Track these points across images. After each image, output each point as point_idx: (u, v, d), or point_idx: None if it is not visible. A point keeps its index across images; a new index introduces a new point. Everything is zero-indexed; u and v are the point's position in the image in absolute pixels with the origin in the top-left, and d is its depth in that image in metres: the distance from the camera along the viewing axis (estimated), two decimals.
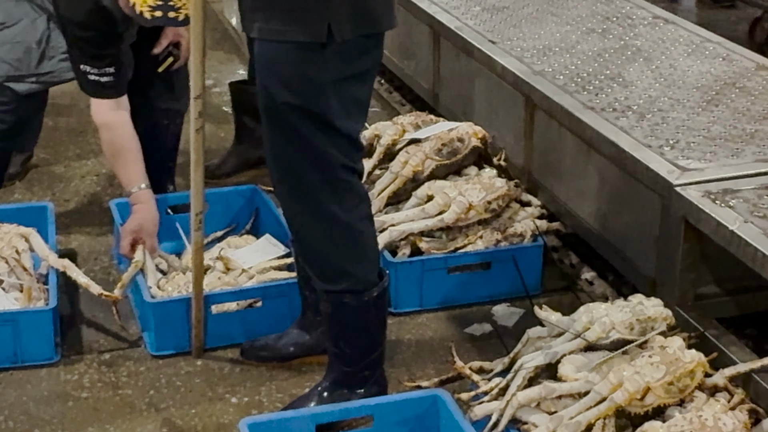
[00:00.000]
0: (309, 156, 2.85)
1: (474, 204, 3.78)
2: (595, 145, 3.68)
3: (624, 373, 2.78)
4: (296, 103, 2.80)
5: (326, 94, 2.79)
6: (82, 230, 4.23)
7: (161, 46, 3.99)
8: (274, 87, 2.81)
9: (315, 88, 2.78)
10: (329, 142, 2.84)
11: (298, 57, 2.77)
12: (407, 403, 2.99)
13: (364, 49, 2.84)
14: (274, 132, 2.88)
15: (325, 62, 2.77)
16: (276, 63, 2.80)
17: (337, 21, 2.74)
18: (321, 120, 2.81)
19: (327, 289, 3.01)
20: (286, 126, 2.84)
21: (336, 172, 2.88)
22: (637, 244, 3.52)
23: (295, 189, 2.92)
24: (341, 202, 2.91)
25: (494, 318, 3.71)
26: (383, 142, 4.03)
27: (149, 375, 3.39)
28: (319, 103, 2.80)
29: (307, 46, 2.76)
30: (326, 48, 2.76)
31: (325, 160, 2.86)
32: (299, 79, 2.78)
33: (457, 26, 4.71)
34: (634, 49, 4.40)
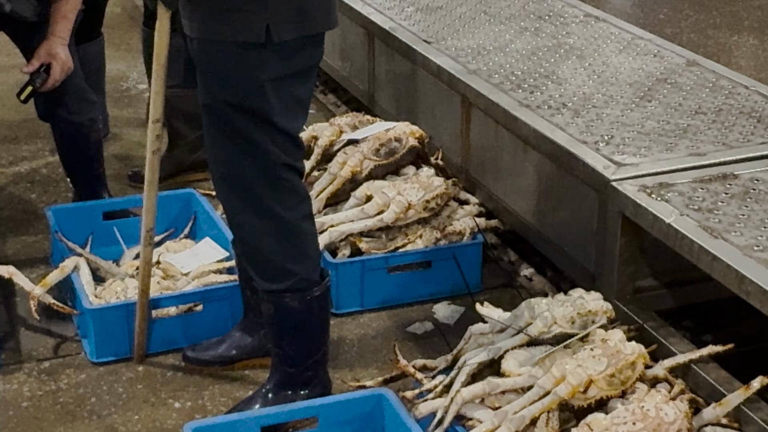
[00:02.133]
0: (250, 154, 2.85)
1: (413, 203, 3.79)
2: (531, 143, 3.71)
3: (567, 367, 2.80)
4: (236, 101, 2.80)
5: (266, 92, 2.80)
6: (17, 238, 4.18)
7: (32, 66, 3.79)
8: (214, 85, 2.82)
9: (254, 86, 2.79)
10: (270, 140, 2.84)
11: (237, 56, 2.77)
12: (352, 403, 3.00)
13: (303, 48, 2.84)
14: (215, 130, 2.88)
15: (265, 61, 2.78)
16: (215, 62, 2.80)
17: (276, 22, 2.75)
18: (261, 118, 2.82)
19: (269, 289, 3.00)
20: (226, 124, 2.84)
21: (277, 170, 2.88)
22: (576, 239, 3.56)
23: (236, 187, 2.92)
24: (282, 200, 2.91)
25: (435, 316, 3.73)
26: (321, 144, 4.03)
27: (90, 382, 3.36)
28: (259, 101, 2.80)
29: (245, 46, 2.76)
30: (265, 48, 2.76)
31: (265, 158, 2.86)
32: (239, 77, 2.79)
33: (391, 27, 4.72)
34: (567, 47, 4.45)
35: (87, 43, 4.73)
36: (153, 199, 3.20)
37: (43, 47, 3.76)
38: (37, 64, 3.77)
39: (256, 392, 3.15)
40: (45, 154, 4.84)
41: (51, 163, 4.75)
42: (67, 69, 3.79)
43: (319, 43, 2.91)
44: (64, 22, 3.78)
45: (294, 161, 2.93)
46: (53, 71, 3.78)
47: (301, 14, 2.79)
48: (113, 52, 5.73)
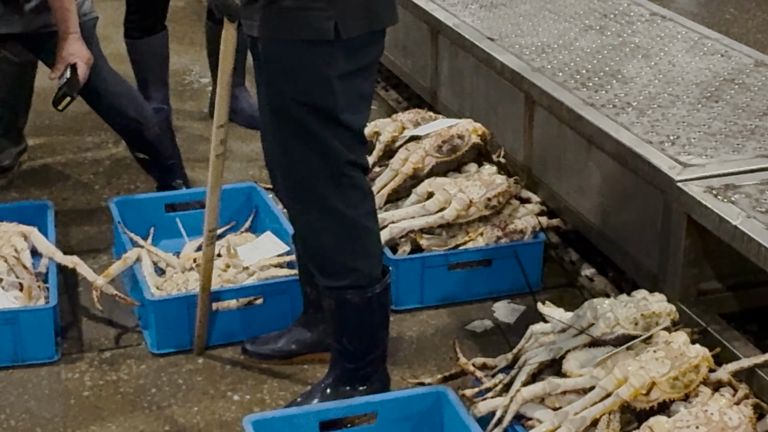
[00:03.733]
0: (315, 152, 2.86)
1: (474, 201, 3.77)
2: (595, 142, 3.68)
3: (629, 369, 2.78)
4: (303, 98, 2.80)
5: (333, 89, 2.80)
6: (80, 228, 4.22)
7: (59, 71, 3.77)
8: (281, 84, 2.82)
9: (322, 83, 2.79)
10: (335, 137, 2.85)
11: (305, 54, 2.78)
12: (411, 400, 2.99)
13: (368, 44, 2.85)
14: (280, 129, 2.89)
15: (333, 58, 2.78)
16: (283, 60, 2.81)
17: (343, 18, 2.76)
18: (327, 115, 2.82)
19: (330, 286, 3.00)
20: (293, 122, 2.84)
21: (341, 167, 2.88)
22: (639, 240, 3.52)
23: (300, 185, 2.93)
24: (346, 198, 2.91)
25: (495, 315, 3.71)
26: (383, 139, 4.02)
27: (150, 373, 3.38)
28: (326, 98, 2.80)
29: (314, 44, 2.77)
30: (333, 45, 2.77)
31: (331, 156, 2.86)
32: (306, 74, 2.79)
33: (455, 24, 4.70)
34: (633, 45, 4.40)
35: (151, 37, 4.77)
36: (216, 201, 3.20)
37: (63, 49, 3.74)
38: (62, 67, 3.76)
39: (315, 387, 3.15)
40: (109, 146, 4.88)
41: (114, 155, 4.79)
42: (91, 62, 3.79)
43: (382, 39, 2.92)
44: (70, 15, 3.74)
45: (358, 158, 2.93)
46: (79, 70, 3.77)
47: (367, 10, 2.80)
48: (177, 45, 5.76)
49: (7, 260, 3.59)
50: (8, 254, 3.59)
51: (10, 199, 4.39)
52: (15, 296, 3.50)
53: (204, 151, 4.87)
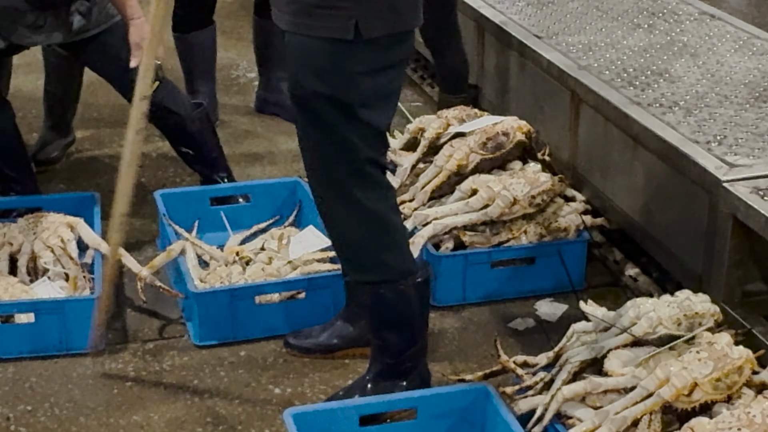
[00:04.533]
0: (336, 146, 2.87)
1: (518, 198, 3.76)
2: (641, 141, 3.66)
3: (671, 369, 2.76)
4: (326, 92, 2.81)
5: (356, 84, 2.81)
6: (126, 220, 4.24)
7: (136, 57, 3.74)
8: (304, 76, 2.83)
9: (346, 78, 2.80)
10: (354, 133, 2.85)
11: (329, 49, 2.79)
12: (452, 396, 2.99)
13: (393, 44, 2.85)
14: (304, 121, 2.90)
15: (356, 54, 2.79)
16: (307, 54, 2.82)
17: (366, 18, 2.76)
18: (347, 110, 2.83)
19: (362, 280, 3.02)
20: (315, 115, 2.86)
21: (360, 163, 2.89)
22: (684, 240, 3.50)
23: (323, 178, 2.94)
24: (368, 192, 2.92)
25: (537, 313, 3.70)
26: (427, 136, 4.02)
27: (193, 365, 3.41)
28: (349, 93, 2.82)
29: (335, 41, 2.78)
30: (355, 43, 2.77)
31: (351, 151, 2.87)
32: (330, 69, 2.80)
33: (502, 21, 4.69)
34: (681, 44, 4.37)
35: (199, 31, 4.80)
36: (131, 181, 3.12)
37: (132, 35, 3.78)
38: (138, 53, 3.75)
39: (356, 382, 3.16)
40: (155, 139, 4.91)
41: (161, 148, 4.82)
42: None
43: (409, 38, 2.91)
44: (129, 2, 3.78)
45: (377, 156, 2.93)
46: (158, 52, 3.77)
47: (391, 11, 2.80)
48: (224, 40, 5.80)
49: (54, 251, 3.63)
50: (55, 245, 3.63)
51: (58, 190, 4.43)
52: (61, 286, 3.54)
53: (250, 145, 4.90)
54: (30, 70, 5.25)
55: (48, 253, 3.63)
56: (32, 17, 3.74)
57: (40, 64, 4.60)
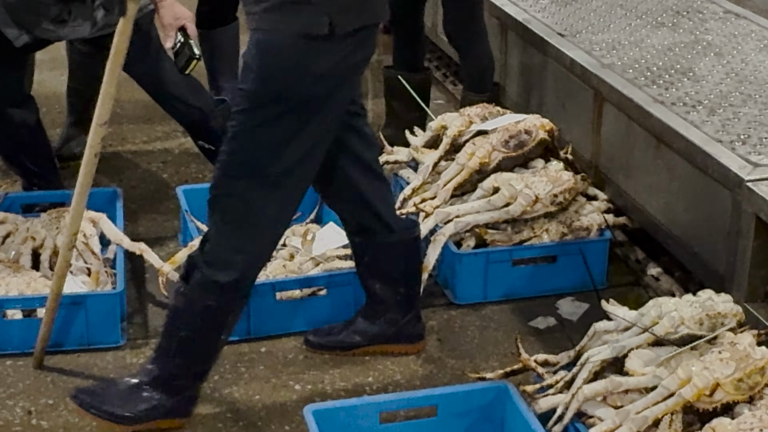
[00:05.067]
0: (286, 146, 2.85)
1: (540, 197, 3.75)
2: (664, 140, 3.64)
3: (693, 369, 2.75)
4: (294, 90, 2.79)
5: (325, 82, 2.80)
6: (148, 216, 4.26)
7: (172, 39, 3.78)
8: (272, 74, 2.79)
9: (317, 75, 2.78)
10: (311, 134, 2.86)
11: (299, 48, 2.76)
12: (472, 394, 2.99)
13: (361, 41, 2.84)
14: (252, 119, 2.84)
15: (326, 53, 2.78)
16: (277, 51, 2.78)
17: (339, 12, 2.74)
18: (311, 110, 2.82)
19: (210, 278, 2.96)
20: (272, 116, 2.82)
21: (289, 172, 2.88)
22: (707, 239, 3.48)
23: (249, 177, 2.88)
24: (279, 203, 2.92)
25: (559, 311, 3.69)
26: (450, 133, 4.01)
27: None
28: (317, 90, 2.80)
29: (309, 38, 2.75)
30: (328, 39, 2.76)
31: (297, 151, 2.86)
32: (302, 66, 2.77)
33: (525, 18, 4.68)
34: (705, 43, 4.36)
35: (221, 28, 4.80)
36: (84, 202, 3.13)
37: (164, 17, 3.77)
38: (173, 34, 3.78)
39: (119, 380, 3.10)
40: (178, 135, 4.93)
41: (183, 144, 4.83)
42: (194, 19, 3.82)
43: (373, 36, 2.90)
44: None
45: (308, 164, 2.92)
46: (189, 30, 3.78)
47: (362, 5, 2.80)
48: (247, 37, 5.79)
49: (76, 246, 3.63)
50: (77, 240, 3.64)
51: None
52: (83, 281, 3.55)
53: None
54: (54, 66, 5.27)
55: None
56: (56, 10, 3.75)
57: (63, 60, 4.61)
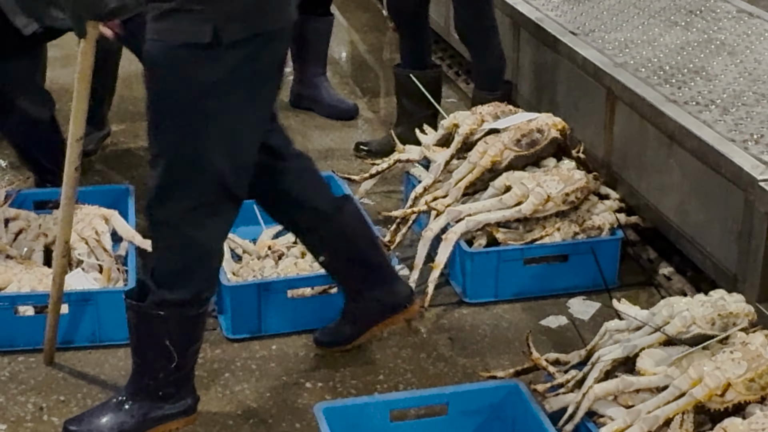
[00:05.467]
0: (182, 162, 2.77)
1: (552, 195, 3.75)
2: (677, 139, 3.63)
3: (704, 369, 2.74)
4: (184, 104, 2.71)
5: (216, 94, 2.69)
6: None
7: None
8: (157, 88, 2.74)
9: (206, 87, 2.68)
10: (214, 152, 2.75)
11: (187, 56, 2.67)
12: (483, 393, 2.98)
13: (254, 50, 2.71)
14: (155, 132, 2.80)
15: (213, 63, 2.67)
16: (164, 62, 2.70)
17: (224, 20, 2.63)
18: (206, 125, 2.72)
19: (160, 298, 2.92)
20: (166, 129, 2.76)
21: (207, 185, 2.79)
22: (719, 239, 3.47)
23: (164, 196, 2.82)
24: (207, 228, 2.85)
25: (570, 310, 3.68)
26: (461, 132, 4.01)
27: (224, 358, 3.41)
28: (208, 104, 2.70)
29: (192, 47, 2.65)
30: (214, 48, 2.65)
31: (197, 169, 2.77)
32: (181, 80, 2.69)
33: (538, 17, 4.67)
34: (718, 42, 4.34)
35: None
36: (71, 214, 3.15)
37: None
38: None
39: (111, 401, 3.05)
40: None
41: None
42: None
43: (278, 40, 2.78)
44: None
45: (234, 183, 2.82)
46: None
47: (252, 11, 2.66)
48: None
49: (88, 242, 3.65)
50: (89, 236, 3.65)
51: (92, 182, 4.46)
52: (94, 278, 3.56)
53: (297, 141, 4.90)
54: (66, 63, 5.28)
55: (82, 244, 3.66)
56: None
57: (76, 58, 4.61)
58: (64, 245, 3.20)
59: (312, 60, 5.09)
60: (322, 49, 5.14)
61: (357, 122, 5.12)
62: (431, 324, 3.61)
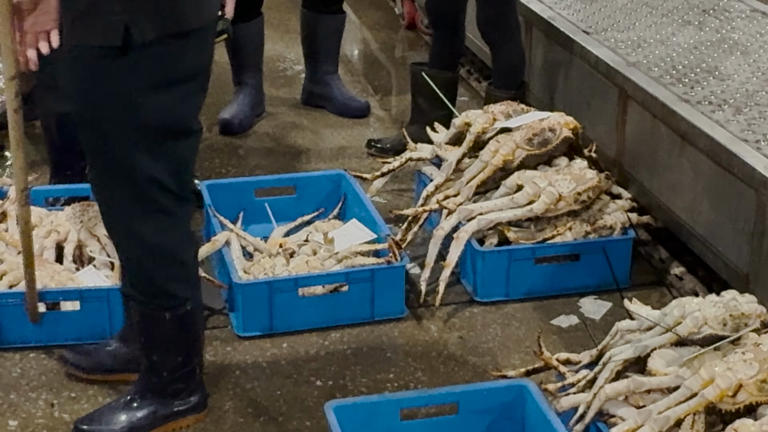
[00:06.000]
0: (117, 169, 2.73)
1: (564, 195, 3.74)
2: (689, 139, 3.62)
3: (716, 369, 2.73)
4: (102, 112, 2.66)
5: (134, 101, 2.63)
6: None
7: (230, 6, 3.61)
8: (77, 92, 2.69)
9: (123, 93, 2.63)
10: (141, 154, 2.69)
11: (100, 60, 2.61)
12: (493, 392, 2.98)
13: (177, 48, 2.64)
14: (84, 139, 2.78)
15: (128, 68, 2.60)
16: (78, 66, 2.65)
17: (136, 21, 2.56)
18: (130, 131, 2.67)
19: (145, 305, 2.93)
20: (91, 135, 2.73)
21: (146, 189, 2.74)
22: (731, 239, 3.46)
23: (106, 203, 2.83)
24: (149, 222, 2.80)
25: (581, 310, 3.68)
26: (473, 131, 4.00)
27: (235, 355, 3.42)
28: (127, 109, 2.64)
29: (103, 49, 2.59)
30: (128, 52, 2.58)
31: (132, 176, 2.72)
32: (98, 84, 2.64)
33: (550, 16, 4.66)
34: (731, 42, 4.33)
35: (247, 23, 4.81)
36: (22, 158, 3.08)
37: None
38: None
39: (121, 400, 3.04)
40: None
41: (207, 139, 4.84)
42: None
43: (200, 43, 2.69)
44: None
45: (166, 179, 2.76)
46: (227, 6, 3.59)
47: (164, 11, 2.58)
48: (272, 32, 5.81)
49: (100, 240, 3.66)
50: (101, 234, 3.65)
51: None
52: (106, 275, 3.57)
53: (296, 138, 4.91)
54: None
55: (94, 241, 3.66)
56: None
57: None
58: (21, 193, 3.13)
59: (324, 58, 5.09)
60: (333, 47, 5.13)
61: (369, 120, 5.12)
62: (442, 323, 3.60)
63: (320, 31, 5.03)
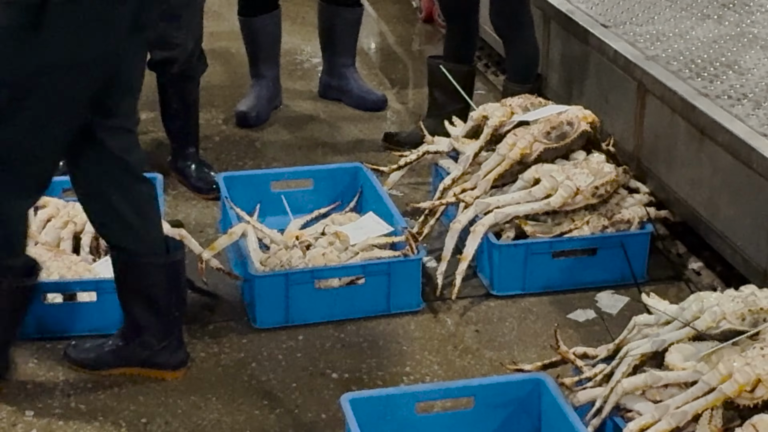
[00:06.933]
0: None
1: (581, 189, 3.73)
2: (708, 133, 3.61)
3: (734, 364, 2.71)
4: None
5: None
6: (188, 203, 4.27)
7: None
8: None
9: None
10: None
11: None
12: (509, 386, 2.97)
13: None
14: None
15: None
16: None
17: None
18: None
19: None
20: None
21: None
22: (749, 234, 3.45)
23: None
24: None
25: (598, 304, 3.67)
26: (491, 124, 3.99)
27: (251, 347, 3.42)
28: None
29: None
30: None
31: None
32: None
33: (569, 9, 4.65)
34: (751, 36, 4.31)
35: (264, 15, 4.81)
36: None
37: None
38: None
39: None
40: (218, 122, 4.94)
41: (224, 131, 4.85)
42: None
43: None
44: None
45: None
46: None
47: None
48: (289, 25, 5.80)
49: None
50: None
51: None
52: None
53: (313, 130, 4.91)
54: None
55: None
56: None
57: None
58: None
59: (341, 51, 5.08)
60: (351, 39, 5.12)
61: (385, 113, 5.10)
62: (458, 316, 3.60)
63: (338, 23, 5.02)
